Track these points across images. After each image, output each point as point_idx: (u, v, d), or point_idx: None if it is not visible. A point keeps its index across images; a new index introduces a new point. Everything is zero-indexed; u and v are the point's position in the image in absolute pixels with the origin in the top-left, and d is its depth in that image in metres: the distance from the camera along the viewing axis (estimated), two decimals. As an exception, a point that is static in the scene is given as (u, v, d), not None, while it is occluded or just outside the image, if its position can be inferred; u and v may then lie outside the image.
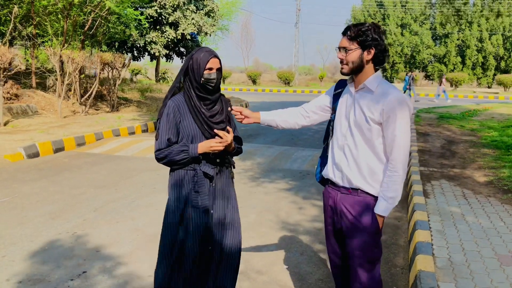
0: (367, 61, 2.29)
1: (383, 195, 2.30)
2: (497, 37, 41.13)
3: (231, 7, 38.83)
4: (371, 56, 2.28)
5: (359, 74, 2.33)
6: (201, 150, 2.47)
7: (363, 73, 2.32)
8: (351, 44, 2.28)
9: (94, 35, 15.39)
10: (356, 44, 2.27)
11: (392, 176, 2.27)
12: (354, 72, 2.34)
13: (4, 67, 9.73)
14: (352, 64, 2.30)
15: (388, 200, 2.29)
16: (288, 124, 2.69)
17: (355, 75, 2.35)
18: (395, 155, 2.26)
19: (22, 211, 5.05)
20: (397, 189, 2.28)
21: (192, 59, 2.48)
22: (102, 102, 14.59)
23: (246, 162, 7.89)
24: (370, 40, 2.24)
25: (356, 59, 2.29)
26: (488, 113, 15.79)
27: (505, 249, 3.86)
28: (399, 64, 44.12)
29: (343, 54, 2.32)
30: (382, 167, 2.33)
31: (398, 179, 2.27)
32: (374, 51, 2.27)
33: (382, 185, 2.32)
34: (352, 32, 2.27)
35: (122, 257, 3.89)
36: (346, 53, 2.30)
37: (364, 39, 2.25)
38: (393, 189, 2.28)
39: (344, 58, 2.31)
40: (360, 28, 2.26)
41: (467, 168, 7.05)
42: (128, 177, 6.68)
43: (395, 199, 2.30)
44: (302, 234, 4.54)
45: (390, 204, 2.30)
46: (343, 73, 2.36)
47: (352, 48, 2.28)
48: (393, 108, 2.23)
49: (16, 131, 9.48)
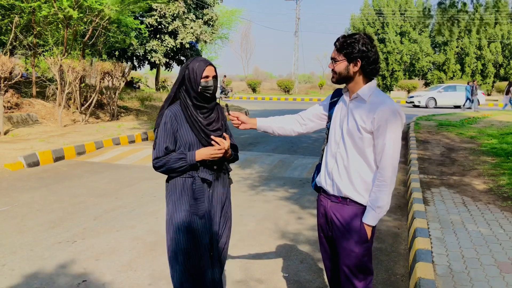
0: (354, 72, 2.33)
1: (371, 204, 2.32)
2: (495, 45, 41.29)
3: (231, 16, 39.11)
4: (357, 68, 2.31)
5: (350, 83, 2.37)
6: (199, 158, 2.50)
7: (354, 83, 2.36)
8: (338, 55, 2.34)
9: (94, 44, 15.48)
10: (342, 56, 2.32)
11: (380, 186, 2.29)
12: (343, 82, 2.39)
13: (5, 76, 9.77)
14: (339, 74, 2.35)
15: (376, 209, 2.31)
16: (284, 131, 2.73)
17: (346, 84, 2.40)
18: (384, 165, 2.28)
19: (22, 220, 5.06)
20: (384, 199, 2.29)
21: (187, 69, 2.52)
22: (102, 111, 14.63)
23: (246, 170, 7.90)
24: (356, 52, 2.28)
25: (342, 70, 2.34)
26: (487, 121, 15.81)
27: (504, 256, 3.86)
28: (398, 72, 44.23)
29: (332, 65, 2.37)
30: (372, 177, 2.35)
31: (385, 189, 2.29)
32: (360, 63, 2.30)
33: (370, 194, 2.33)
34: (339, 44, 2.33)
35: (122, 266, 3.89)
36: (334, 63, 2.35)
37: (349, 51, 2.29)
38: (381, 198, 2.29)
39: (333, 68, 2.37)
40: (346, 40, 2.30)
41: (467, 175, 7.06)
42: (128, 186, 6.68)
43: (382, 209, 2.31)
44: (302, 243, 4.53)
45: (378, 214, 2.32)
46: (333, 82, 2.42)
47: (339, 60, 2.33)
48: (384, 118, 2.25)
49: (16, 140, 9.50)
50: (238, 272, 3.79)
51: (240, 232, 4.71)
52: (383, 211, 2.32)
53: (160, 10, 20.14)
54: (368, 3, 46.29)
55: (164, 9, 20.16)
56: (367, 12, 45.90)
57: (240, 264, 3.94)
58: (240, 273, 3.79)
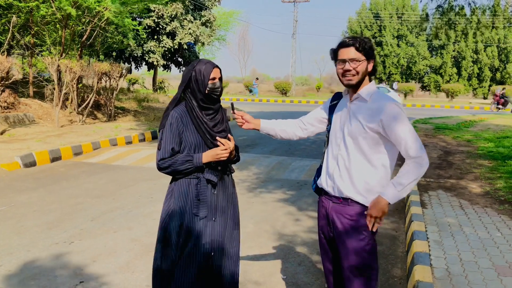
0: (368, 72, 2.38)
1: (394, 181, 2.29)
2: (492, 49, 41.50)
3: (229, 18, 39.11)
4: (371, 67, 2.37)
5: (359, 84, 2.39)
6: (205, 160, 2.50)
7: (362, 84, 2.39)
8: (359, 55, 2.33)
9: (92, 44, 15.44)
10: (363, 55, 2.33)
11: (410, 164, 2.27)
12: (360, 83, 2.38)
13: (2, 76, 9.74)
14: (361, 75, 2.35)
15: (397, 186, 2.27)
16: (286, 134, 2.74)
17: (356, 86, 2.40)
18: (411, 145, 2.27)
19: (18, 221, 5.03)
20: (410, 178, 2.26)
21: (194, 70, 2.52)
22: (99, 112, 14.59)
23: (243, 172, 7.89)
24: (372, 52, 2.34)
25: (364, 70, 2.35)
26: (484, 124, 15.88)
27: (502, 259, 3.87)
28: (395, 75, 44.39)
29: (353, 65, 2.32)
30: (375, 177, 2.36)
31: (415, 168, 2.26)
32: (373, 62, 2.37)
33: (397, 173, 2.31)
34: (358, 43, 2.33)
35: (119, 267, 3.88)
36: (357, 63, 2.33)
37: (368, 51, 2.33)
38: (407, 176, 2.26)
39: (354, 68, 2.33)
40: (364, 40, 2.34)
41: (464, 178, 7.08)
42: (125, 187, 6.67)
43: (404, 187, 2.27)
44: (300, 245, 4.53)
45: (398, 192, 2.27)
46: (351, 84, 2.36)
47: (361, 60, 2.33)
48: (391, 115, 2.29)
49: (13, 140, 9.47)
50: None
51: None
52: (404, 190, 2.28)
53: (158, 11, 20.13)
54: (366, 6, 46.47)
55: (162, 10, 20.16)
56: (364, 15, 46.07)
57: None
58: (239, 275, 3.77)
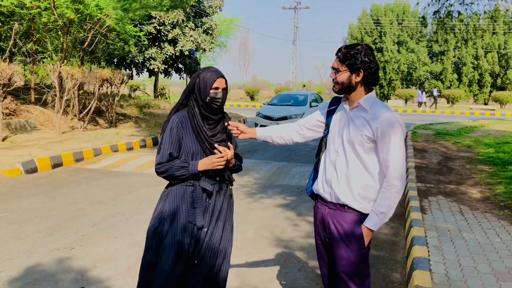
0: (356, 82, 2.36)
1: (375, 209, 2.34)
2: (492, 55, 41.57)
3: (229, 25, 39.30)
4: (359, 78, 2.35)
5: (352, 93, 2.40)
6: (201, 167, 2.48)
7: (356, 93, 2.39)
8: (340, 66, 2.36)
9: (93, 51, 15.52)
10: (345, 66, 2.34)
11: (386, 192, 2.32)
12: (345, 92, 2.41)
13: (3, 82, 9.79)
14: (342, 85, 2.38)
15: (379, 214, 2.33)
16: (283, 140, 2.75)
17: (347, 94, 2.42)
18: (391, 172, 2.30)
19: (19, 227, 5.05)
20: (389, 205, 2.32)
21: (199, 77, 2.51)
22: (101, 118, 14.64)
23: (243, 177, 7.91)
24: (359, 63, 2.31)
25: (345, 81, 2.36)
26: (484, 130, 15.89)
27: (501, 264, 3.87)
28: (396, 81, 44.44)
29: (333, 76, 2.40)
30: (373, 184, 2.38)
31: (391, 196, 2.31)
32: (363, 73, 2.33)
33: (376, 200, 2.36)
34: (341, 54, 2.35)
35: (120, 273, 3.89)
36: (336, 74, 2.38)
37: (352, 62, 2.32)
38: (385, 205, 2.31)
39: (334, 78, 2.39)
40: (349, 51, 2.32)
41: (464, 184, 7.09)
42: (126, 193, 6.69)
43: (386, 215, 2.33)
44: (299, 251, 4.54)
45: (380, 220, 2.34)
46: (334, 91, 2.44)
47: (342, 70, 2.36)
48: (388, 125, 2.29)
49: (14, 146, 9.50)
50: (235, 279, 3.80)
51: (239, 240, 4.71)
52: (386, 217, 2.34)
53: (159, 18, 20.25)
54: (366, 12, 46.62)
55: (163, 17, 20.28)
56: (365, 22, 46.21)
57: (238, 272, 3.95)
58: (238, 280, 3.79)
